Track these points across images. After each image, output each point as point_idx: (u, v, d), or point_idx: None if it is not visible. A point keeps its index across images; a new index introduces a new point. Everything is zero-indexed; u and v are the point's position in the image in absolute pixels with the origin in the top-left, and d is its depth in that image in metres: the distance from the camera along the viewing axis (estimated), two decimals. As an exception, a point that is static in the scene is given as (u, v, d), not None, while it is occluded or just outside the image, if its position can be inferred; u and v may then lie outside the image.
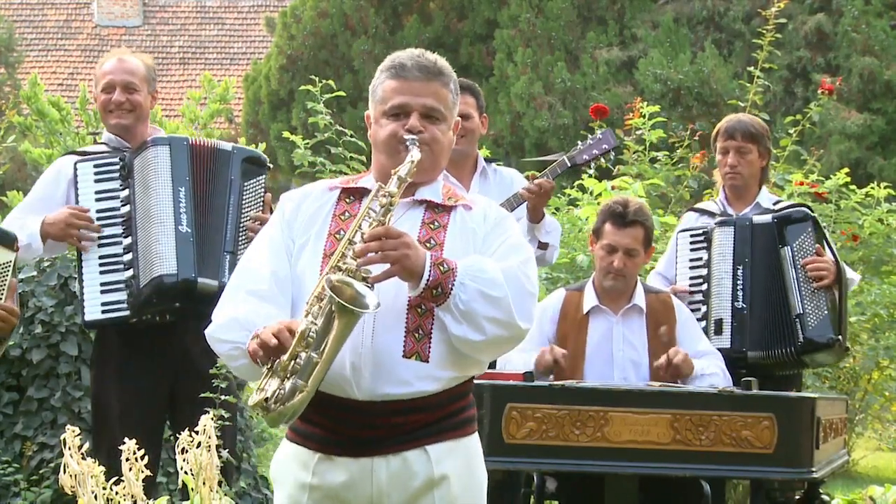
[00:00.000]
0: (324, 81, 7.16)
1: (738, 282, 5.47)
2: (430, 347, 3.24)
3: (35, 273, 6.48)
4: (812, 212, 5.64)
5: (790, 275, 5.43)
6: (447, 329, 3.22)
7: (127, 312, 4.89)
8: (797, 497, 5.18)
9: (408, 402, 3.25)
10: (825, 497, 5.20)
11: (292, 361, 3.10)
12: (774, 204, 5.72)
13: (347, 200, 3.39)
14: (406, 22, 18.00)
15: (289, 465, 3.36)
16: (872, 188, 8.48)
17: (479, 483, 3.40)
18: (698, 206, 5.93)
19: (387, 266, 3.18)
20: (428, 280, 3.18)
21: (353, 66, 17.65)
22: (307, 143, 7.18)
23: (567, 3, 16.84)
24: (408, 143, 3.29)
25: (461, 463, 3.34)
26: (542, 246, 5.45)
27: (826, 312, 5.38)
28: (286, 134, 7.70)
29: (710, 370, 5.08)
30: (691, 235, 5.64)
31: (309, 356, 3.09)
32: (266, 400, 3.10)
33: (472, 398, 3.42)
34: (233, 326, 3.25)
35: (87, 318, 4.92)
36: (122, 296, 4.90)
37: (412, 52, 3.39)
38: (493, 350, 3.36)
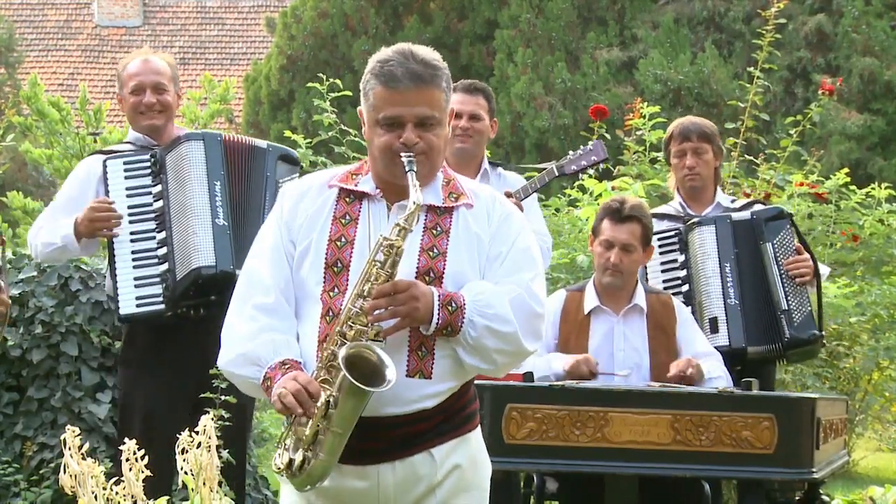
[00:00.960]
0: (330, 80, 7.16)
1: (728, 279, 5.47)
2: (432, 364, 3.27)
3: (35, 273, 6.47)
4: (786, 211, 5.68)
5: (772, 271, 5.44)
6: (459, 357, 3.26)
7: (162, 306, 4.89)
8: (797, 497, 5.18)
9: (409, 415, 3.27)
10: (825, 498, 5.20)
11: (315, 435, 3.16)
12: (732, 203, 5.74)
13: (347, 200, 3.36)
14: (406, 22, 17.99)
15: None
16: (873, 188, 8.48)
17: (483, 474, 3.44)
18: (656, 210, 5.83)
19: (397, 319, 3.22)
20: (437, 323, 3.22)
21: (353, 66, 17.63)
22: (309, 143, 7.19)
23: (567, 4, 16.83)
24: (405, 166, 3.22)
25: (466, 456, 3.37)
26: None
27: (809, 308, 5.42)
28: (287, 133, 7.70)
29: (715, 373, 5.07)
30: (659, 239, 5.58)
31: (327, 429, 3.15)
32: (290, 465, 3.20)
33: (474, 391, 3.45)
34: (242, 362, 3.29)
35: (122, 311, 4.90)
36: (158, 289, 4.89)
37: (401, 55, 3.26)
38: (502, 372, 3.42)
